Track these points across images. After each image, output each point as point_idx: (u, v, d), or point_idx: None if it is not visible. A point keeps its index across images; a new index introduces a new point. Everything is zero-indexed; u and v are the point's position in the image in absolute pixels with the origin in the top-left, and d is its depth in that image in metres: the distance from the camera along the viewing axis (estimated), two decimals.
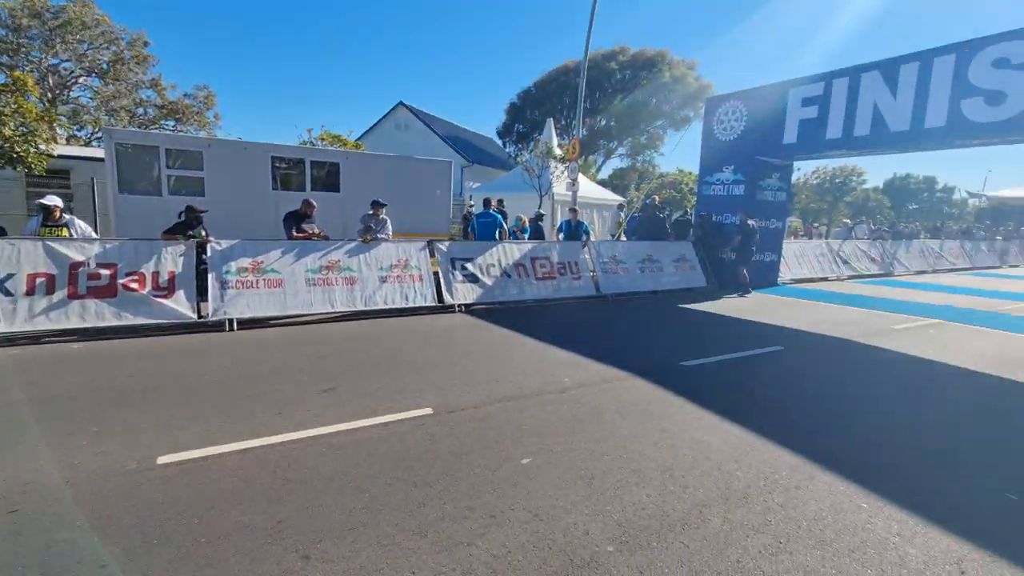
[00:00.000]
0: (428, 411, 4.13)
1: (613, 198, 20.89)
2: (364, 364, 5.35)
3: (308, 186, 11.33)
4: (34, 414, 3.87)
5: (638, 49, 34.37)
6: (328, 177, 11.66)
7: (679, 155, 78.66)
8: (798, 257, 14.50)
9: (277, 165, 11.15)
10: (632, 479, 3.16)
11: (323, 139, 16.94)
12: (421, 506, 2.81)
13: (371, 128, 33.47)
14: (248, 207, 10.43)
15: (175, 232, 7.11)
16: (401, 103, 32.50)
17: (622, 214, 19.07)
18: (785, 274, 13.45)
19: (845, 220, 27.71)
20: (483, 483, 3.07)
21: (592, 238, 11.55)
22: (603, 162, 37.97)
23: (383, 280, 7.98)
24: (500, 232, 10.05)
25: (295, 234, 7.84)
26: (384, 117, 33.18)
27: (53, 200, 6.57)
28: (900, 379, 5.59)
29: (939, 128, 8.73)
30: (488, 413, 4.12)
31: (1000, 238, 24.39)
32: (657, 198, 13.73)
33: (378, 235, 8.27)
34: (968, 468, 3.52)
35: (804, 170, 37.38)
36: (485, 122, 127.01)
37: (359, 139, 27.41)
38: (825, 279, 14.38)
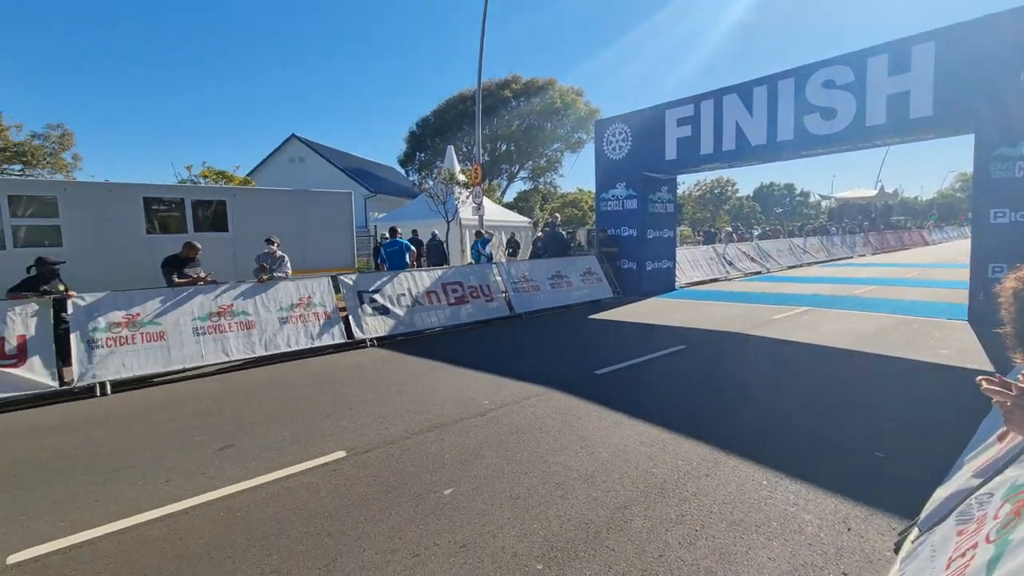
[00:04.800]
0: (341, 454, 3.87)
1: (519, 220, 21.45)
2: (267, 414, 4.92)
3: (190, 227, 10.41)
4: None
5: (529, 78, 36.04)
6: (215, 217, 10.81)
7: (578, 175, 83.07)
8: (691, 262, 15.78)
9: (153, 207, 10.14)
10: (556, 492, 3.17)
11: (205, 176, 15.71)
12: (338, 558, 2.59)
13: (262, 163, 31.64)
14: (118, 255, 9.35)
15: (23, 290, 6.15)
16: (294, 136, 31.13)
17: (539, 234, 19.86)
18: (681, 278, 14.54)
19: (727, 228, 30.79)
20: (405, 521, 2.91)
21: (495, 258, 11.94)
22: (507, 185, 39.00)
23: (284, 321, 7.47)
24: (410, 256, 9.91)
25: (176, 280, 7.11)
26: (276, 151, 31.53)
27: None
28: (783, 361, 6.20)
29: (789, 141, 10.03)
30: (407, 448, 3.95)
31: (849, 232, 28.38)
32: (559, 216, 14.29)
33: (275, 273, 7.75)
34: (843, 433, 3.95)
35: (687, 183, 41.12)
36: (386, 152, 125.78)
37: (249, 175, 25.78)
38: (716, 280, 15.75)
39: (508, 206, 30.73)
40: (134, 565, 2.62)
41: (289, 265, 8.04)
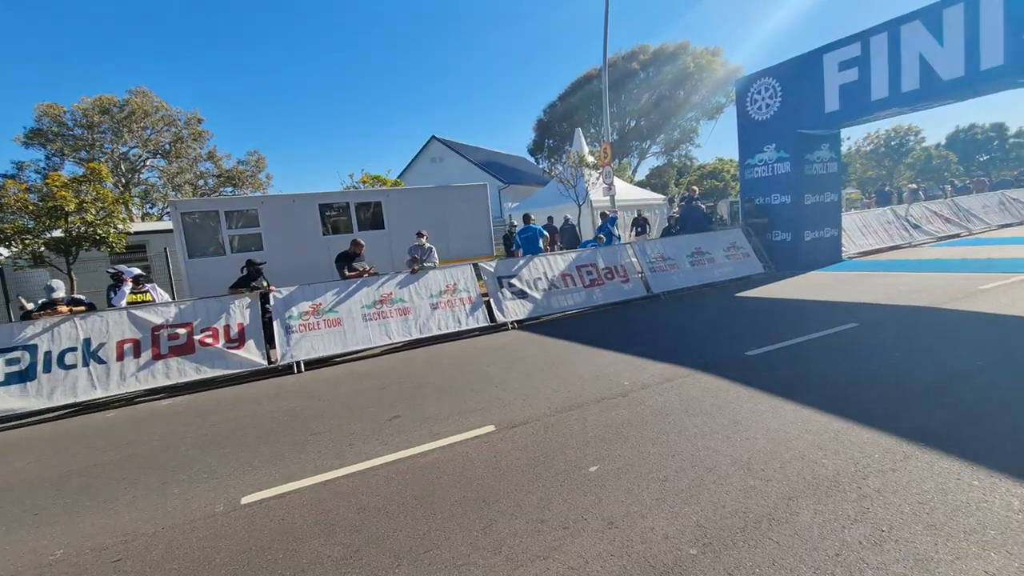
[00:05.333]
0: (491, 428, 4.13)
1: (651, 197, 20.49)
2: (425, 390, 5.44)
3: (355, 227, 11.84)
4: (131, 469, 4.19)
5: (658, 45, 34.00)
6: (373, 216, 12.16)
7: (716, 145, 76.45)
8: (862, 228, 13.62)
9: (326, 212, 11.75)
10: (708, 477, 3.02)
11: (364, 181, 17.71)
12: (492, 523, 2.79)
13: (409, 165, 34.69)
14: (303, 254, 11.03)
15: (239, 286, 7.60)
16: (434, 137, 33.55)
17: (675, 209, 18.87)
18: (849, 248, 12.65)
19: (911, 186, 25.81)
20: (552, 494, 3.02)
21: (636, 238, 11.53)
22: (638, 163, 37.44)
23: (434, 307, 8.15)
24: (543, 241, 10.11)
25: (347, 273, 8.17)
26: (419, 153, 34.34)
27: (134, 270, 7.36)
28: (994, 341, 5.06)
29: (998, 67, 8.03)
30: (550, 424, 4.08)
31: None
32: (696, 190, 13.30)
33: (425, 263, 8.48)
34: None
35: (853, 137, 35.33)
36: (516, 142, 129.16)
37: (399, 176, 28.44)
38: (896, 247, 13.40)
39: (640, 184, 29.53)
40: (328, 512, 3.11)
41: (436, 255, 8.73)
